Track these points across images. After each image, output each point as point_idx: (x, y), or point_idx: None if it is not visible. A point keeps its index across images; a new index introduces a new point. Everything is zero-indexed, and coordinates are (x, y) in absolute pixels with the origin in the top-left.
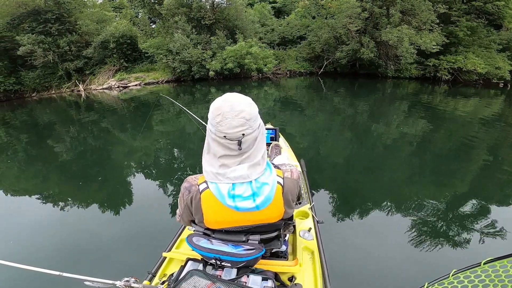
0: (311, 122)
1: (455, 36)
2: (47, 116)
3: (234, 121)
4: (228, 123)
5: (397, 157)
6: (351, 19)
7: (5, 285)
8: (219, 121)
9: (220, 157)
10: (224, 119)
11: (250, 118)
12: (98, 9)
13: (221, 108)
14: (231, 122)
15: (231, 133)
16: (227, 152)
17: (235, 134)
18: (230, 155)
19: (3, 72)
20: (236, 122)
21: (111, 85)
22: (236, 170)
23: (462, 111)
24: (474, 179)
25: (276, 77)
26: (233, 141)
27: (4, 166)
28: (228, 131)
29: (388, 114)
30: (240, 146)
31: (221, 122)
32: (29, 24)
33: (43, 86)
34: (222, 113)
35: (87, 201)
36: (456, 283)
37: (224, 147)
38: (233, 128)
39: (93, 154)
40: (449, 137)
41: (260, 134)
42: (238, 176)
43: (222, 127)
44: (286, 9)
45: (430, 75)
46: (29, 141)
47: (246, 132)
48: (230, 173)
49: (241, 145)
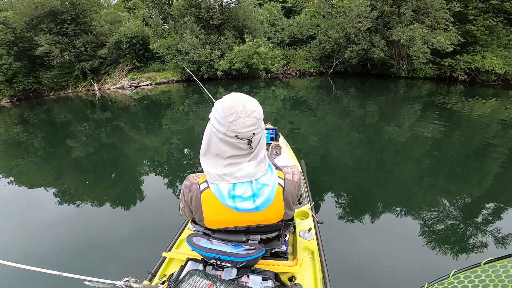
0: (317, 122)
1: (472, 36)
2: (64, 115)
3: (247, 121)
4: (242, 122)
5: (399, 158)
6: (360, 18)
7: (5, 285)
8: (232, 120)
9: (228, 157)
10: (238, 118)
11: (260, 118)
12: (112, 10)
13: (234, 108)
14: (245, 122)
15: (243, 132)
16: (236, 152)
17: (246, 133)
18: (239, 155)
19: (22, 72)
20: (249, 122)
21: (123, 84)
22: (243, 169)
23: (479, 113)
24: (474, 179)
25: (286, 77)
26: (244, 140)
27: (17, 162)
28: (241, 130)
29: (398, 115)
30: (250, 145)
31: (235, 121)
32: (46, 25)
33: (60, 85)
34: (236, 112)
35: (87, 201)
36: (456, 283)
37: (233, 147)
38: (246, 127)
39: (100, 154)
40: (462, 139)
41: (264, 134)
42: (245, 174)
43: (235, 126)
44: (297, 9)
45: (445, 76)
46: (46, 138)
47: (256, 131)
48: (237, 172)
49: (251, 144)
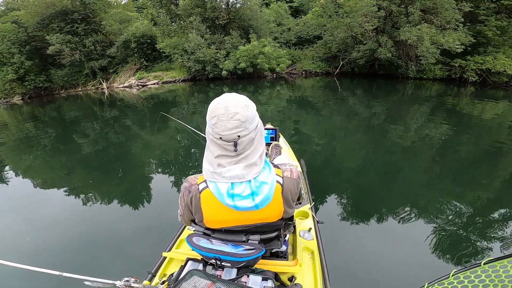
0: (321, 122)
1: (484, 36)
2: (74, 113)
3: (228, 123)
4: (223, 125)
5: (401, 159)
6: (366, 18)
7: (5, 285)
8: (214, 123)
9: (216, 157)
10: (219, 121)
11: (245, 120)
12: (121, 9)
13: (216, 111)
14: (226, 124)
15: (226, 134)
16: (223, 153)
17: (230, 136)
18: (226, 155)
19: (34, 70)
20: (231, 125)
21: (131, 83)
22: (231, 170)
23: (490, 115)
24: (476, 180)
25: (292, 77)
26: (229, 142)
27: (26, 158)
28: (223, 133)
29: (405, 116)
30: (236, 147)
31: (216, 124)
32: (57, 24)
33: (70, 83)
34: (217, 115)
35: (88, 200)
36: (456, 283)
37: (220, 147)
38: (228, 130)
39: (105, 153)
40: (471, 142)
41: (257, 134)
42: (234, 175)
43: (217, 129)
44: (304, 8)
45: (456, 77)
46: (55, 135)
47: (242, 134)
48: (225, 172)
49: (236, 147)
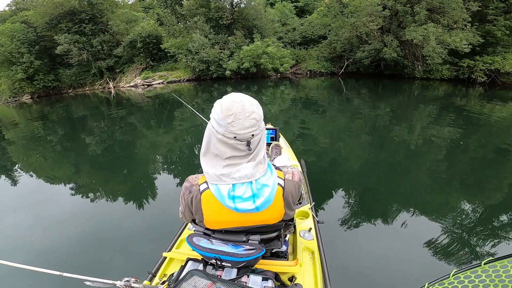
0: (325, 123)
1: (493, 36)
2: (81, 111)
3: (246, 122)
4: (240, 123)
5: (403, 159)
6: (371, 17)
7: (5, 285)
8: (231, 121)
9: (227, 158)
10: (237, 119)
11: (259, 119)
12: (128, 9)
13: (233, 109)
14: (243, 123)
15: (242, 133)
16: (235, 153)
17: (245, 135)
18: (237, 156)
19: (43, 70)
20: (248, 123)
21: (136, 83)
22: (241, 170)
23: (498, 116)
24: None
25: (296, 77)
26: (242, 141)
27: (33, 155)
28: (240, 132)
29: (411, 117)
30: (249, 146)
31: (233, 122)
32: (65, 24)
33: (78, 83)
34: (235, 113)
35: (89, 200)
36: (456, 283)
37: (232, 148)
38: (245, 129)
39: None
40: (479, 143)
41: (263, 134)
42: (244, 175)
43: (233, 127)
44: (309, 8)
45: (464, 77)
46: (64, 134)
47: (255, 132)
48: (235, 173)
49: (250, 146)
